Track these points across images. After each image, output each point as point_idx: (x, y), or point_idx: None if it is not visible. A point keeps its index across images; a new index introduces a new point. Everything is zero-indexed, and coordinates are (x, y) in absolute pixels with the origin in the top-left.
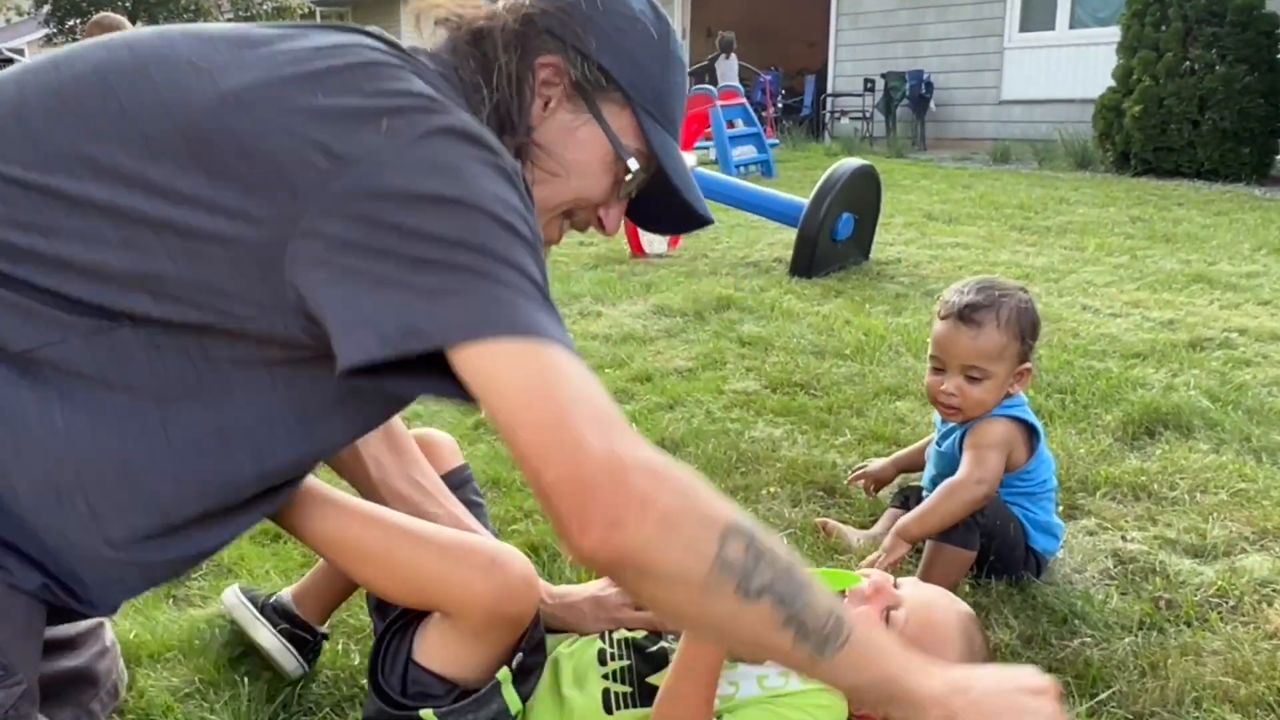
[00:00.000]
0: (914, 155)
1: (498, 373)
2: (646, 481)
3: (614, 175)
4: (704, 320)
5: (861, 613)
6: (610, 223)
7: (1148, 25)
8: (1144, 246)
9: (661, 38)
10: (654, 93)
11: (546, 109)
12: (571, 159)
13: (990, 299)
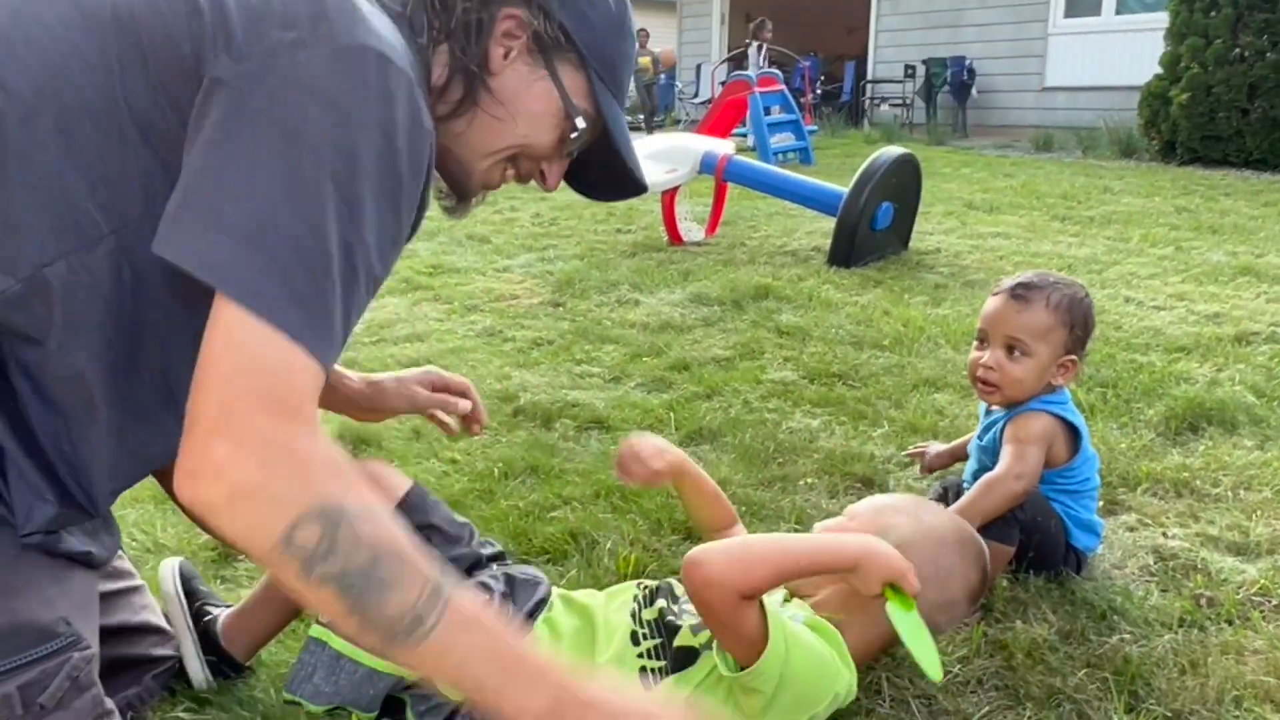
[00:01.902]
0: (955, 143)
1: (232, 336)
2: (226, 452)
3: (560, 131)
4: (742, 309)
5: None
6: (551, 178)
7: (1197, 11)
8: (1190, 238)
9: (620, 10)
10: (608, 60)
11: (506, 58)
12: (523, 108)
13: (1044, 282)
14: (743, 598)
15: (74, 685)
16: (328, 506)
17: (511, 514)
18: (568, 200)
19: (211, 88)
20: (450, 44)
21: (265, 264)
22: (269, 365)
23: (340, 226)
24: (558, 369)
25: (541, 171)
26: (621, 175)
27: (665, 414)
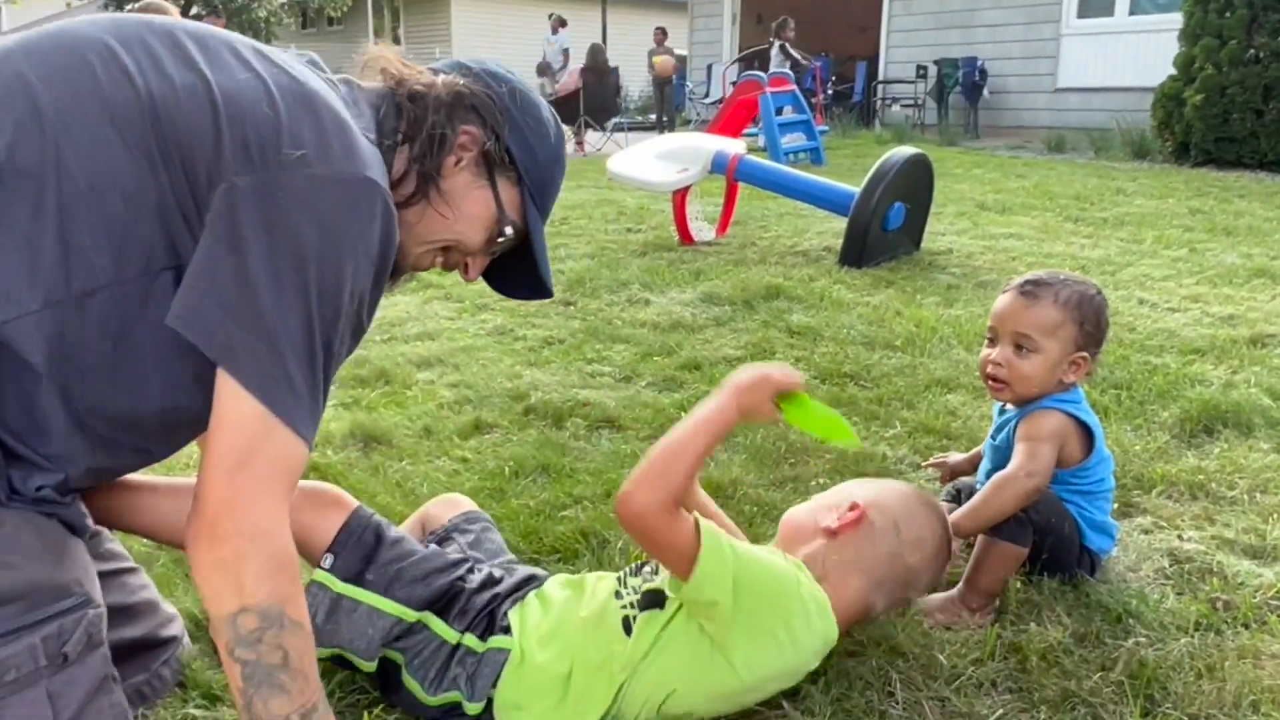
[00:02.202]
0: (966, 143)
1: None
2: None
3: (489, 234)
4: (753, 309)
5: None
6: (473, 271)
7: (1211, 12)
8: (1204, 239)
9: (557, 144)
10: (541, 184)
11: (457, 165)
12: (463, 210)
13: (1054, 279)
14: (675, 506)
15: (89, 641)
16: (272, 610)
17: (522, 513)
18: (579, 200)
19: (229, 190)
20: (412, 147)
21: (271, 358)
22: (275, 452)
23: (324, 327)
24: (569, 368)
25: (466, 264)
26: (534, 281)
27: (677, 414)
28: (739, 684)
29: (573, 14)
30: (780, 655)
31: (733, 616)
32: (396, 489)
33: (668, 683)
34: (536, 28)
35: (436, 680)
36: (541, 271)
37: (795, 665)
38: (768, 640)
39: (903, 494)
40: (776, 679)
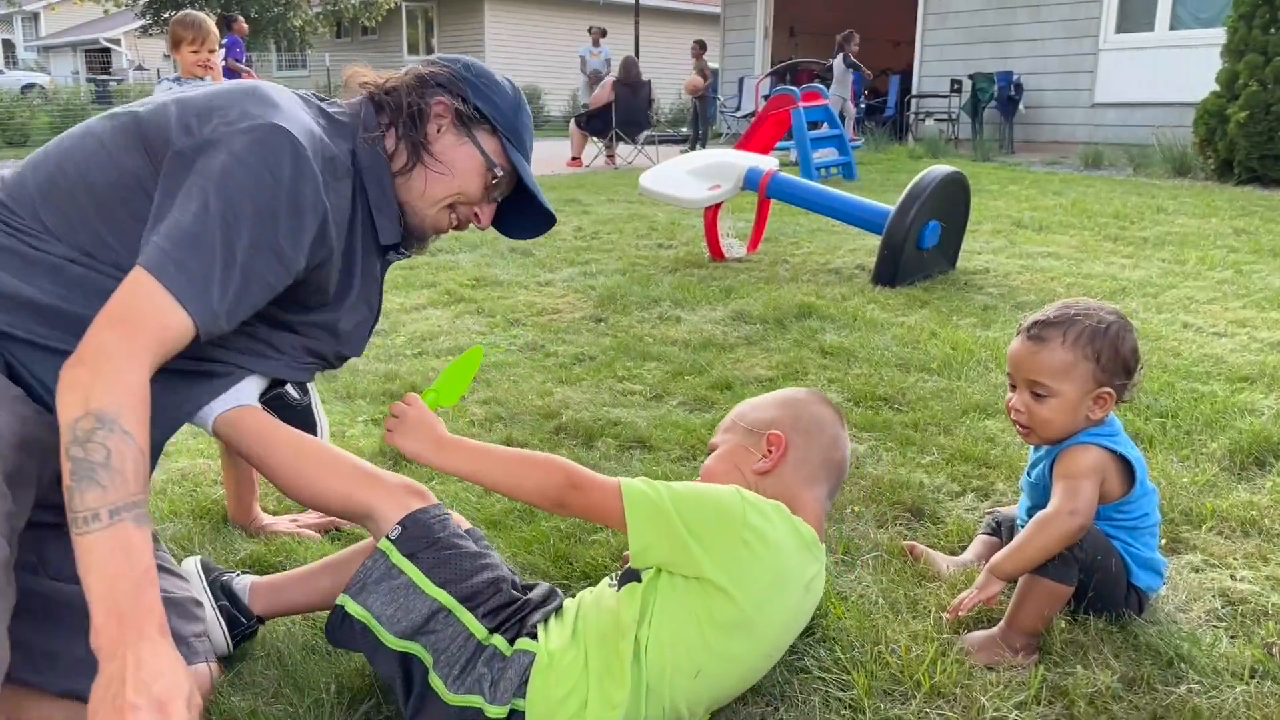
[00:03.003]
0: (1001, 159)
1: (132, 280)
2: (87, 356)
3: (485, 181)
4: (784, 328)
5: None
6: (484, 218)
7: (1255, 28)
8: (1250, 261)
9: (514, 94)
10: (514, 128)
11: (439, 132)
12: (455, 165)
13: (1064, 317)
14: (568, 485)
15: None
16: (107, 414)
17: (553, 536)
18: (609, 214)
19: (173, 155)
20: (397, 128)
21: (170, 250)
22: (153, 313)
23: (224, 232)
24: (599, 386)
25: (476, 214)
26: (536, 215)
27: (708, 435)
28: (739, 608)
29: (606, 25)
30: (758, 559)
31: (694, 546)
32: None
33: (679, 637)
34: (568, 38)
35: (461, 678)
36: (541, 203)
37: (782, 567)
38: (739, 550)
39: (802, 402)
40: (773, 589)
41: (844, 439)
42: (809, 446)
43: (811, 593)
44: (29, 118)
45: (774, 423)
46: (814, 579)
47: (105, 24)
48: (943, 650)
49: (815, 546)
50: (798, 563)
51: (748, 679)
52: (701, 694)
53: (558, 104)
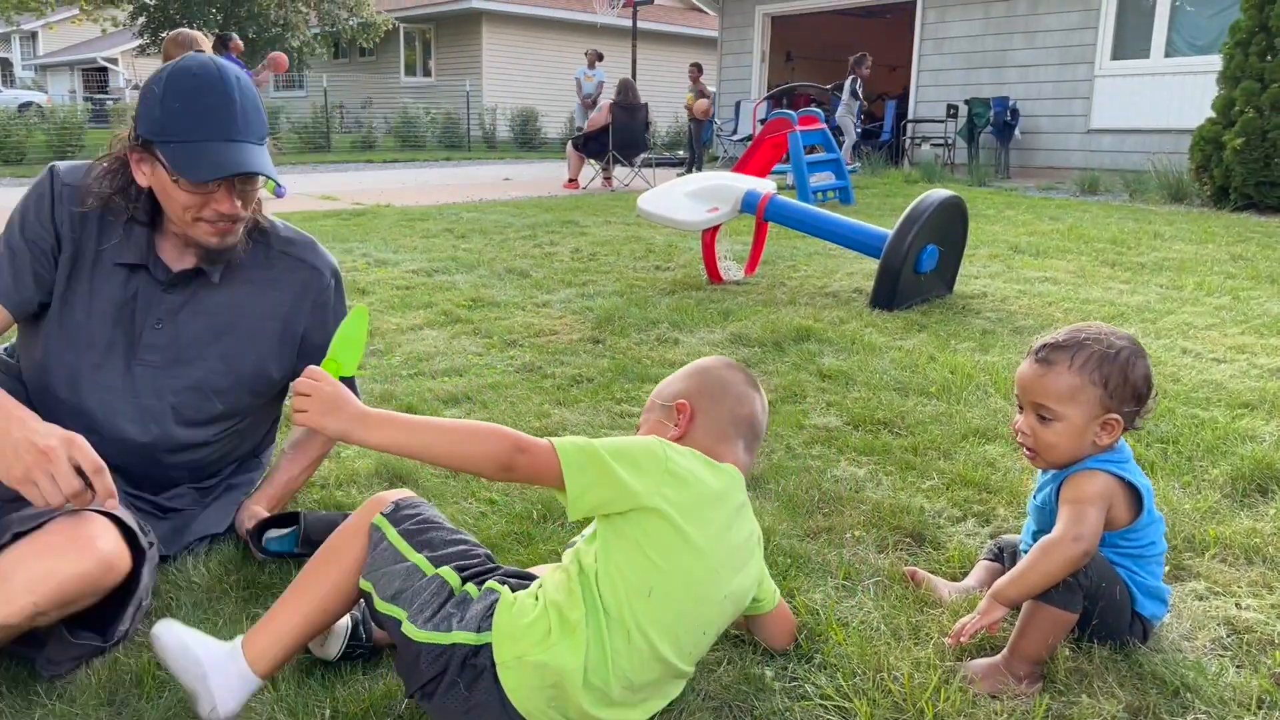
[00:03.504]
0: (997, 183)
1: None
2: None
3: (182, 188)
4: (783, 351)
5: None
6: (221, 206)
7: (1251, 55)
8: (1247, 287)
9: (156, 84)
10: (159, 125)
11: (142, 174)
12: (160, 188)
13: (1073, 341)
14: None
15: None
16: None
17: (550, 558)
18: (607, 236)
19: None
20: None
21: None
22: None
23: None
24: (597, 407)
25: (216, 210)
26: (221, 158)
27: None
28: (674, 525)
29: (603, 49)
30: (685, 485)
31: (626, 477)
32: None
33: (626, 561)
34: (566, 60)
35: (430, 619)
36: (211, 158)
37: (707, 491)
38: (665, 478)
39: (707, 369)
40: (704, 506)
41: (750, 396)
42: (716, 409)
43: (745, 520)
44: (25, 136)
45: (680, 393)
46: (744, 505)
47: (103, 43)
48: (945, 678)
49: (737, 478)
50: (723, 488)
51: (703, 602)
52: (662, 615)
53: (555, 126)
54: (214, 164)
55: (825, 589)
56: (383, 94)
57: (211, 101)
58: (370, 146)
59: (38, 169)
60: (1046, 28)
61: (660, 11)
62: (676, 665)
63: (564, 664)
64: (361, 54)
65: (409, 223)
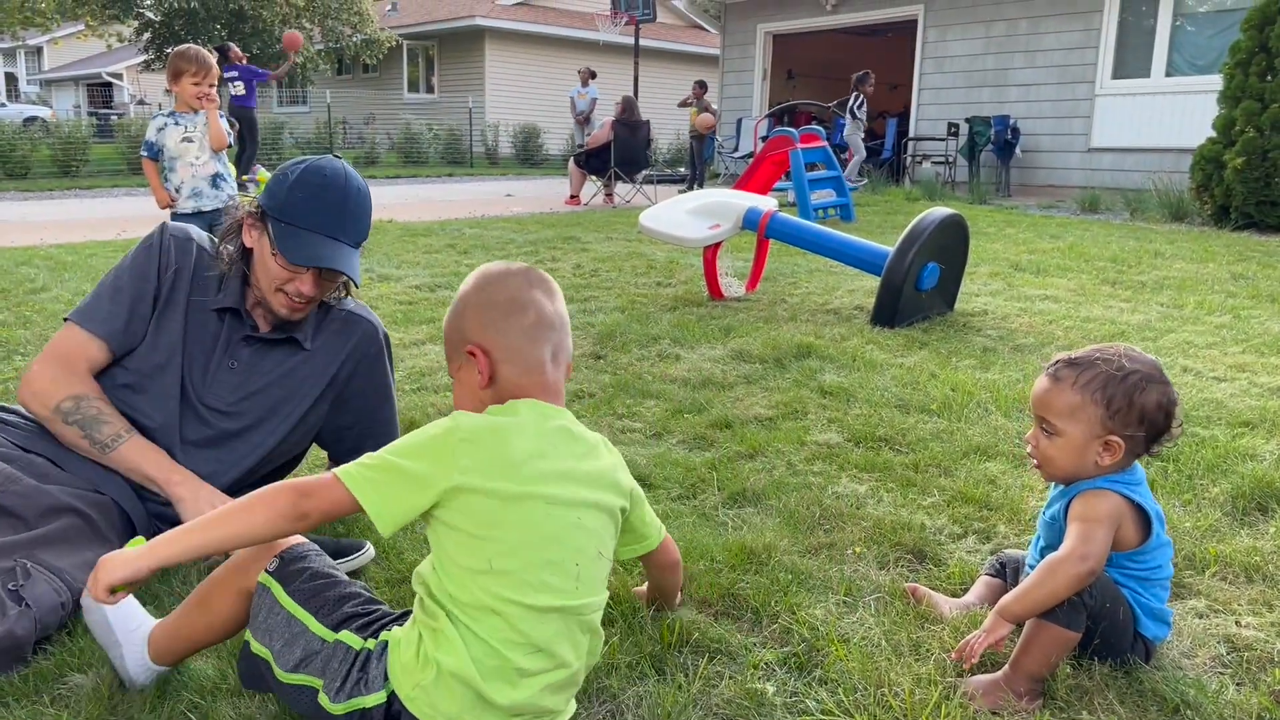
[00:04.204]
0: (997, 201)
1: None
2: (33, 375)
3: (279, 263)
4: (784, 368)
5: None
6: (304, 288)
7: (1252, 74)
8: (1248, 306)
9: (293, 170)
10: (279, 205)
11: (250, 237)
12: (260, 258)
13: (1084, 360)
14: (298, 498)
15: None
16: (78, 395)
17: None
18: (608, 252)
19: None
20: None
21: (87, 300)
22: (59, 338)
23: (113, 280)
24: (599, 423)
25: (298, 290)
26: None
27: (708, 473)
28: (486, 490)
29: (605, 66)
30: (482, 447)
31: (419, 470)
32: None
33: (456, 549)
34: (568, 76)
35: (343, 689)
36: (308, 253)
37: (511, 441)
38: (459, 449)
39: (476, 294)
40: (513, 440)
41: (529, 296)
42: (505, 337)
43: (578, 439)
44: (30, 150)
45: (467, 334)
46: (569, 423)
47: (107, 58)
48: (946, 694)
49: (555, 411)
50: (535, 422)
51: (554, 539)
52: (515, 575)
53: (557, 143)
54: (310, 254)
55: (826, 605)
56: (386, 110)
57: (329, 200)
58: (373, 162)
59: (43, 183)
60: (1047, 47)
61: (662, 29)
62: (569, 604)
63: (454, 669)
64: (365, 70)
65: (412, 238)
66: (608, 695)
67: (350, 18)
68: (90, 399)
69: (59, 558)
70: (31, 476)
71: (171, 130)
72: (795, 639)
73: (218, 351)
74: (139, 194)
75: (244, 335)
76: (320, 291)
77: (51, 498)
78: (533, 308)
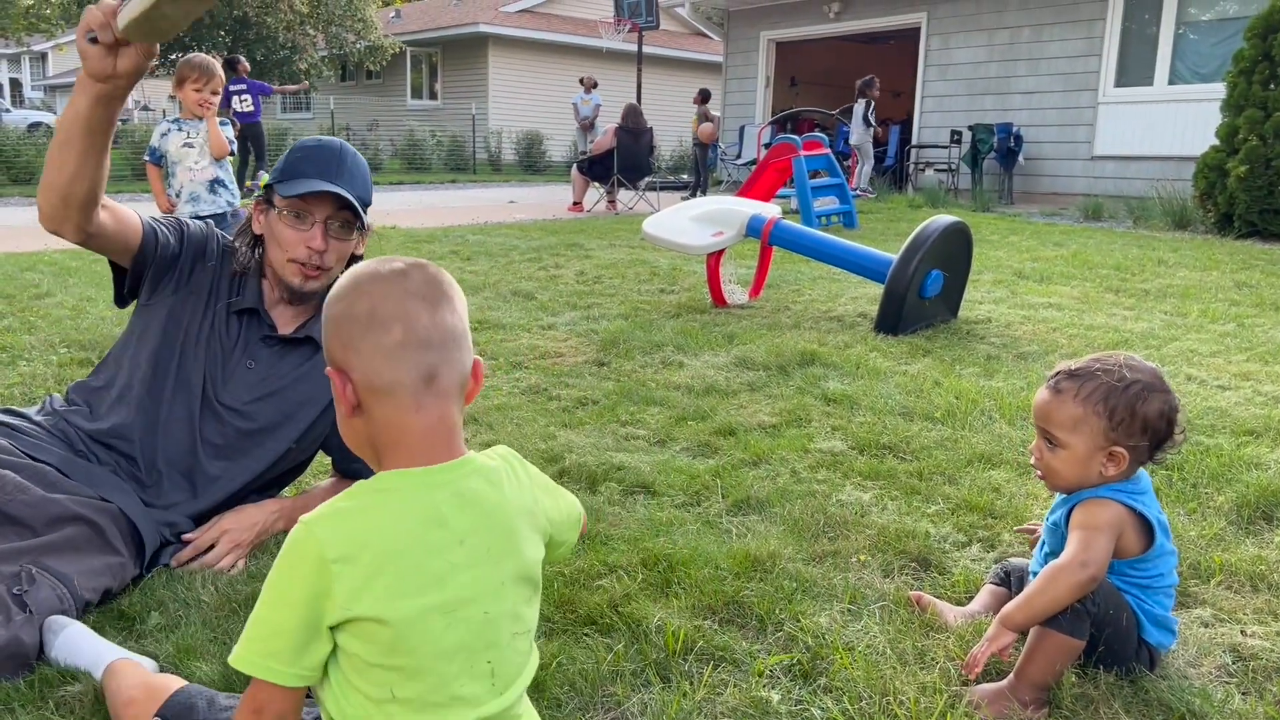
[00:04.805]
0: (1000, 209)
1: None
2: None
3: (285, 223)
4: (787, 375)
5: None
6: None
7: (1255, 83)
8: (1252, 314)
9: (288, 152)
10: (279, 170)
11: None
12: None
13: (1085, 371)
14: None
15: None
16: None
17: (556, 580)
18: (611, 259)
19: None
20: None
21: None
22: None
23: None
24: (603, 430)
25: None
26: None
27: (712, 481)
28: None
29: (608, 73)
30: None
31: (299, 625)
32: None
33: (360, 685)
34: (571, 83)
35: None
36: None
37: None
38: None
39: (337, 306)
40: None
41: (398, 308)
42: (361, 358)
43: (477, 499)
44: (35, 156)
45: (329, 353)
46: (460, 481)
47: None
48: (951, 703)
49: (438, 475)
50: (415, 502)
51: (465, 646)
52: (421, 694)
53: (559, 149)
54: (308, 186)
55: (831, 613)
56: (389, 116)
57: (323, 154)
58: (376, 169)
59: None
60: (1050, 55)
61: (665, 36)
62: (487, 714)
63: None
64: (368, 76)
65: (415, 245)
66: (612, 703)
67: (354, 24)
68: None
69: (65, 564)
70: (40, 485)
71: (174, 135)
72: (800, 647)
73: (237, 351)
74: (142, 199)
75: (263, 335)
76: (331, 248)
77: (60, 506)
78: (399, 322)
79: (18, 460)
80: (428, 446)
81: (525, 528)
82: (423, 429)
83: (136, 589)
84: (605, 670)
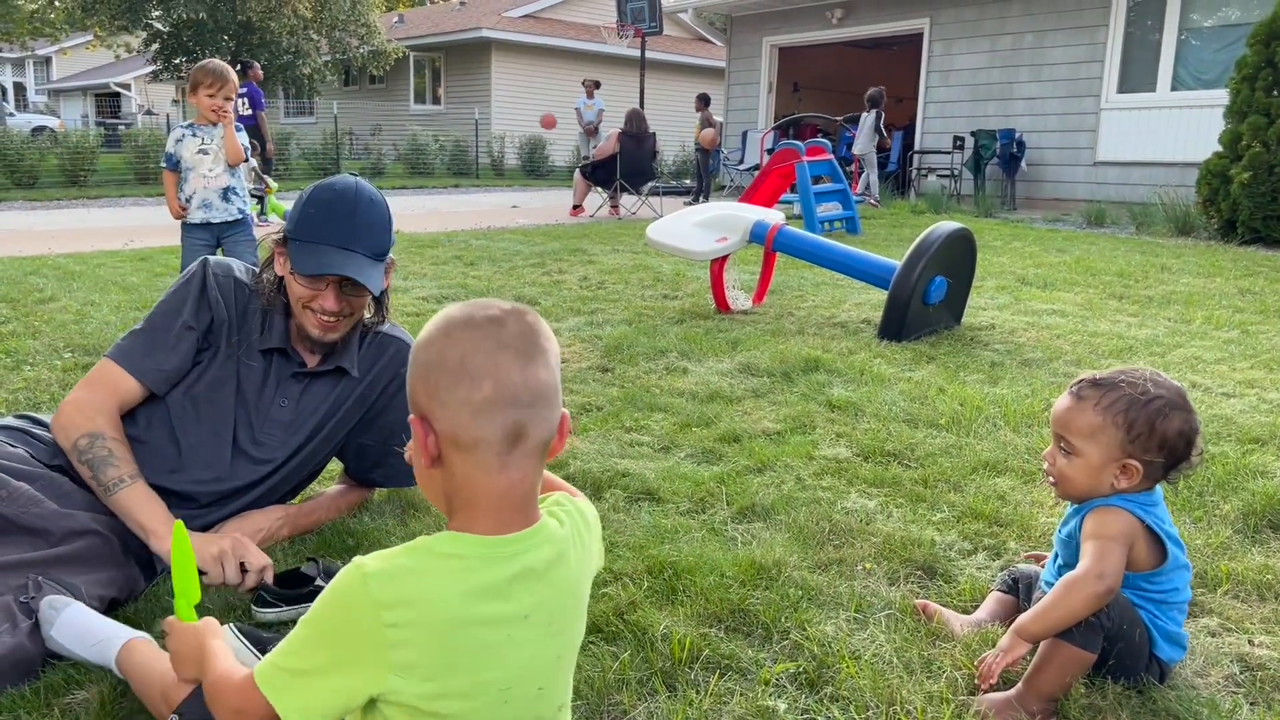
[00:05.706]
0: (1003, 215)
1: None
2: (66, 404)
3: (299, 282)
4: (791, 381)
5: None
6: (326, 302)
7: (1258, 89)
8: (1256, 321)
9: (309, 190)
10: (294, 224)
11: (280, 264)
12: (286, 279)
13: (1109, 382)
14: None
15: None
16: (95, 433)
17: None
18: (615, 265)
19: None
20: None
21: (124, 339)
22: (102, 373)
23: (147, 320)
24: (607, 436)
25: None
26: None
27: (717, 487)
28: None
29: (611, 78)
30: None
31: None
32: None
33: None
34: (573, 88)
35: None
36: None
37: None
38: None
39: (425, 351)
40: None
41: (489, 361)
42: (449, 410)
43: (547, 575)
44: (38, 160)
45: (414, 398)
46: (529, 554)
47: (116, 69)
48: (958, 712)
49: (511, 546)
50: (483, 574)
51: (521, 708)
52: None
53: (562, 154)
54: (319, 263)
55: (837, 621)
56: (392, 121)
57: (339, 213)
58: (379, 173)
59: (50, 193)
60: (1053, 60)
61: (668, 42)
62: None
63: None
64: (372, 81)
65: (418, 250)
66: (619, 711)
67: (357, 29)
68: (104, 439)
69: (74, 574)
70: (54, 495)
71: (189, 141)
72: (806, 655)
73: (268, 390)
74: (147, 204)
75: (293, 372)
76: (345, 307)
77: (73, 520)
78: (490, 378)
79: (33, 470)
80: (502, 510)
81: (586, 594)
82: (501, 491)
83: (142, 597)
84: (611, 678)
